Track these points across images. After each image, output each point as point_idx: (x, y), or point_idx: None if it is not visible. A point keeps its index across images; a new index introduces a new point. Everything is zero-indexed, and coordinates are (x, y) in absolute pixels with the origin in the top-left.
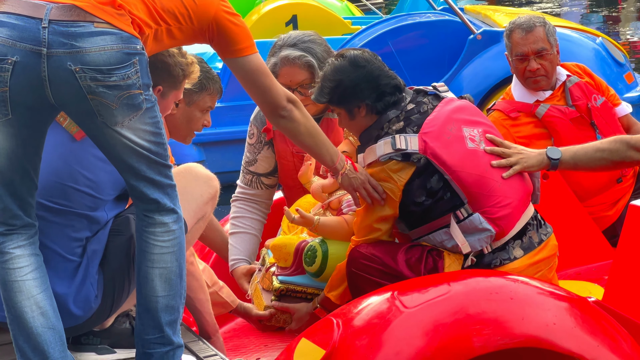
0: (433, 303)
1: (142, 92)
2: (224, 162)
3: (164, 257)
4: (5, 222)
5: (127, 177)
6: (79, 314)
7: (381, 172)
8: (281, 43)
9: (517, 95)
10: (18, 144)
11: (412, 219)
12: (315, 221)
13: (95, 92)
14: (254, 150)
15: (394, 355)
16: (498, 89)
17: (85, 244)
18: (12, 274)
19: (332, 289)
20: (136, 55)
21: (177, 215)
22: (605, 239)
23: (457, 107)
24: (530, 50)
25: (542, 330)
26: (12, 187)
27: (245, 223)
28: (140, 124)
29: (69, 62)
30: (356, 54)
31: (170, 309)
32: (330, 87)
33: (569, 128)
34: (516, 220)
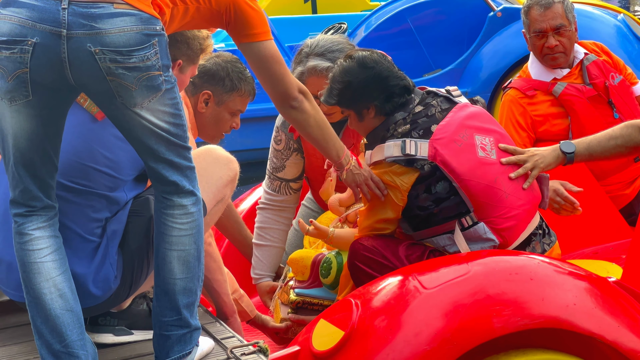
0: (452, 284)
1: (162, 73)
2: (242, 140)
3: (182, 239)
4: (25, 204)
5: (146, 159)
6: (98, 294)
7: (385, 175)
8: (308, 51)
9: (534, 73)
10: (39, 125)
11: (415, 222)
12: (330, 233)
13: (114, 73)
14: (281, 157)
15: (413, 336)
16: (518, 67)
17: (104, 224)
18: (31, 256)
19: (342, 289)
20: (155, 37)
21: (196, 198)
22: (622, 218)
23: (471, 114)
24: (548, 26)
25: (563, 311)
26: (32, 169)
27: (273, 235)
28: (159, 105)
29: (88, 43)
30: (365, 55)
31: (188, 292)
32: (338, 88)
33: (586, 107)
34: (521, 231)
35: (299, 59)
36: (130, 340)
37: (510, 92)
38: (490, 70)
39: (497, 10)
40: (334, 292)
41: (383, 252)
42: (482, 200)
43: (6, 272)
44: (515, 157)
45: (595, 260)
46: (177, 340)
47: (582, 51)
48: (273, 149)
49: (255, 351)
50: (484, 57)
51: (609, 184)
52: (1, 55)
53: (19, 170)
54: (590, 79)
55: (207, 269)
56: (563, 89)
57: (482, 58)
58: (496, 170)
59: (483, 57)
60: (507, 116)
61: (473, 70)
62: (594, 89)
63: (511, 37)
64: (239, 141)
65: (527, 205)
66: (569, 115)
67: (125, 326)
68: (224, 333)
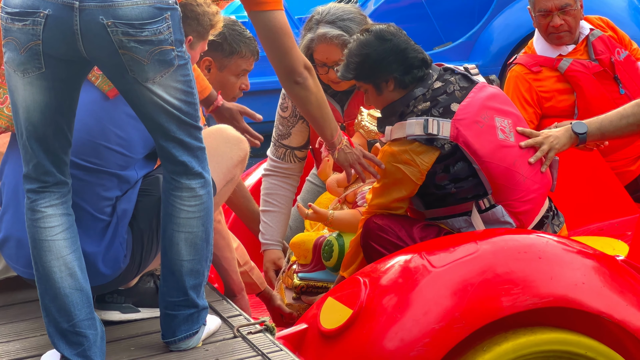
0: (461, 262)
1: (175, 48)
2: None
3: (190, 221)
4: (38, 178)
5: (157, 137)
6: (108, 273)
7: (404, 153)
8: (319, 18)
9: (540, 49)
10: (52, 98)
11: (430, 199)
12: (330, 215)
13: (126, 46)
14: (287, 124)
15: (422, 314)
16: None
17: (115, 203)
18: (42, 233)
19: (347, 266)
20: (168, 10)
21: (205, 180)
22: (628, 194)
23: (491, 95)
24: (554, 5)
25: (571, 290)
26: (45, 143)
27: (279, 201)
28: (171, 81)
29: (101, 15)
30: (382, 28)
31: (195, 273)
32: (356, 62)
33: (592, 82)
34: (536, 214)
35: (309, 25)
36: (137, 318)
37: (515, 68)
38: (501, 44)
39: None
40: (337, 274)
41: (398, 232)
42: (501, 182)
43: (15, 249)
44: (533, 140)
45: (600, 237)
46: (184, 320)
47: (588, 27)
48: (279, 116)
49: (262, 330)
50: (495, 30)
51: (615, 159)
52: (14, 27)
53: (31, 143)
54: (595, 55)
55: (216, 247)
56: (569, 65)
57: (493, 31)
58: (515, 153)
59: (494, 30)
60: (513, 92)
61: (484, 43)
62: (599, 65)
63: (523, 10)
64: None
65: (542, 189)
66: (574, 91)
67: (132, 304)
68: (230, 311)
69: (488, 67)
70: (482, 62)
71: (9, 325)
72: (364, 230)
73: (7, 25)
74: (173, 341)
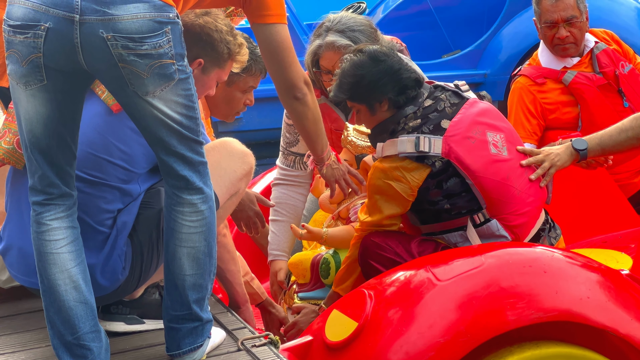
0: (466, 276)
1: (175, 62)
2: (261, 119)
3: (192, 236)
4: (43, 190)
5: (158, 151)
6: (106, 285)
7: (395, 170)
8: (329, 25)
9: (544, 61)
10: (54, 109)
11: (425, 215)
12: (324, 233)
13: (126, 60)
14: (294, 131)
15: (427, 328)
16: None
17: (116, 215)
18: (47, 246)
19: (340, 282)
20: (168, 24)
21: (206, 195)
22: (631, 207)
23: (482, 110)
24: (559, 17)
25: (576, 304)
26: (49, 155)
27: (288, 210)
28: (172, 95)
29: (101, 29)
30: (375, 48)
31: (198, 287)
32: (350, 82)
33: (596, 95)
34: (531, 227)
35: (319, 32)
36: (141, 330)
37: (520, 80)
38: (510, 52)
39: None
40: None
41: (395, 249)
42: (495, 197)
43: (17, 257)
44: (534, 158)
45: (604, 249)
46: (188, 333)
47: (593, 40)
48: (286, 124)
49: (266, 343)
50: (504, 39)
51: (618, 172)
52: (15, 39)
53: (35, 155)
54: (600, 68)
55: (221, 260)
56: (573, 77)
57: (501, 39)
58: (508, 167)
59: (503, 39)
60: (517, 103)
61: (492, 51)
62: (604, 78)
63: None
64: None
65: (537, 202)
66: (578, 104)
67: (137, 315)
68: (235, 324)
69: (496, 76)
70: (491, 70)
71: (14, 335)
72: (362, 248)
73: (9, 38)
74: (177, 354)
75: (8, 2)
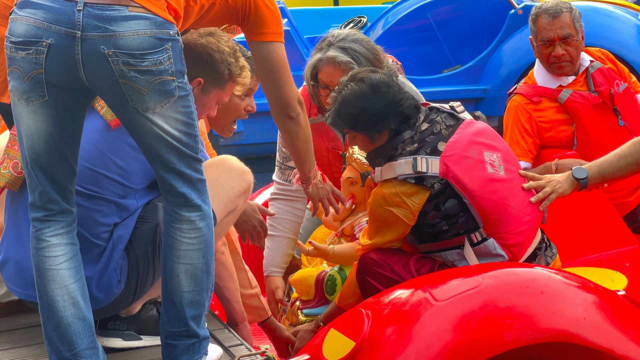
0: (463, 296)
1: (175, 79)
2: (262, 133)
3: (189, 253)
4: (43, 207)
5: (157, 168)
6: (101, 298)
7: (395, 196)
8: (332, 40)
9: (540, 79)
10: (55, 126)
11: (422, 235)
12: (330, 251)
13: (127, 76)
14: None
15: (424, 348)
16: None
17: (112, 229)
18: (46, 262)
19: (345, 299)
20: (169, 41)
21: (204, 213)
22: (626, 225)
23: (478, 131)
24: (556, 35)
25: (573, 325)
26: (50, 171)
27: (284, 225)
28: (171, 111)
29: (102, 45)
30: (377, 79)
31: (195, 304)
32: (351, 114)
33: (591, 114)
34: (528, 246)
35: (321, 46)
36: (139, 346)
37: (515, 98)
38: (511, 68)
39: (518, 8)
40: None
41: (393, 266)
42: (492, 216)
43: (14, 271)
44: (535, 183)
45: (599, 268)
46: (185, 350)
47: (588, 59)
48: (281, 139)
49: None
50: (504, 55)
51: (613, 191)
52: (17, 55)
53: (36, 172)
54: (595, 87)
55: (219, 277)
56: (568, 96)
57: (502, 55)
58: (505, 187)
59: (503, 55)
60: (513, 122)
61: (493, 67)
62: (599, 97)
63: None
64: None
65: (533, 221)
66: (574, 122)
67: (134, 331)
68: (232, 340)
69: (497, 91)
70: (491, 85)
71: (12, 350)
72: (360, 265)
73: (11, 54)
74: None
75: (10, 18)
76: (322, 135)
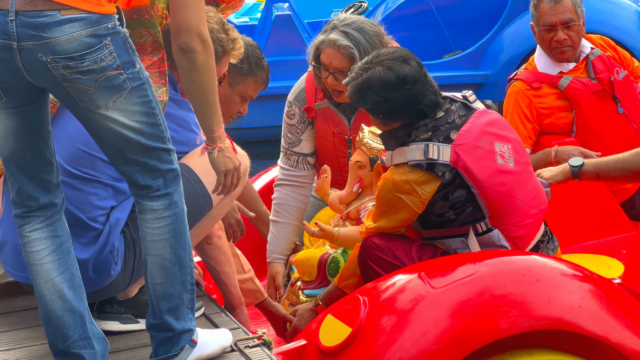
0: (460, 284)
1: (122, 71)
2: (263, 117)
3: (155, 244)
4: (22, 203)
5: (117, 163)
6: (97, 281)
7: (405, 184)
8: (337, 23)
9: (541, 66)
10: (21, 121)
11: (428, 223)
12: (335, 233)
13: (69, 79)
14: (296, 131)
15: (420, 335)
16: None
17: (109, 212)
18: (30, 257)
19: (344, 279)
20: (107, 36)
21: (171, 201)
22: (623, 212)
23: (490, 121)
24: (558, 20)
25: (568, 313)
26: (25, 167)
27: (290, 212)
28: (127, 104)
29: (39, 53)
30: (406, 72)
31: (169, 297)
32: (374, 100)
33: (591, 101)
34: (532, 239)
35: (327, 28)
36: (136, 329)
37: (516, 84)
38: (511, 54)
39: None
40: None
41: (395, 252)
42: (498, 207)
43: (11, 253)
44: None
45: (596, 254)
46: (162, 342)
47: (589, 46)
48: (286, 124)
49: (260, 344)
50: (505, 40)
51: None
52: None
53: (11, 169)
54: (595, 74)
55: (216, 262)
56: (569, 82)
57: (503, 41)
58: (513, 179)
59: (504, 40)
60: (513, 107)
61: (494, 53)
62: (599, 84)
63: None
64: (260, 118)
65: (538, 214)
66: (573, 109)
67: (131, 314)
68: (228, 324)
69: (497, 77)
70: (492, 71)
71: (10, 333)
72: (362, 249)
73: None
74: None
75: None
76: (327, 120)
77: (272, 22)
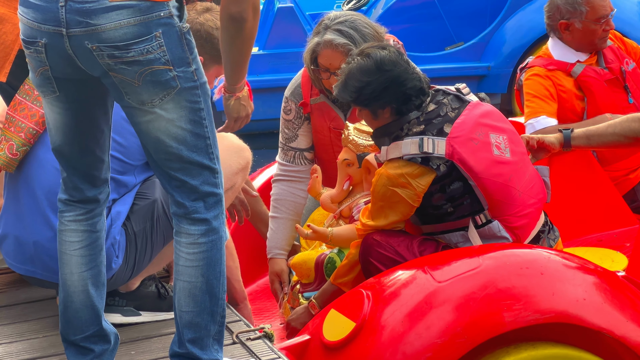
0: (464, 277)
1: (173, 67)
2: (265, 109)
3: (187, 270)
4: (67, 191)
5: (158, 173)
6: None
7: (400, 177)
8: (328, 23)
9: (557, 54)
10: (70, 118)
11: (426, 217)
12: (329, 233)
13: (114, 69)
14: (293, 126)
15: (424, 329)
16: (541, 43)
17: (110, 205)
18: (63, 245)
19: (339, 277)
20: (159, 27)
21: (209, 227)
22: (626, 205)
23: (485, 112)
24: (609, 7)
25: (572, 306)
26: (71, 160)
27: (288, 207)
28: (174, 106)
29: (86, 40)
30: (382, 55)
31: (194, 326)
32: (356, 87)
33: (603, 89)
34: (532, 229)
35: (318, 29)
36: (137, 321)
37: (535, 69)
38: (514, 45)
39: None
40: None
41: (396, 248)
42: (497, 198)
43: (13, 246)
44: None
45: (599, 248)
46: None
47: None
48: (283, 120)
49: (261, 336)
50: (508, 32)
51: (613, 170)
52: (27, 52)
53: (60, 159)
54: (606, 63)
55: None
56: (582, 70)
57: (505, 32)
58: (511, 169)
59: (507, 32)
60: (537, 88)
61: (496, 44)
62: (610, 73)
63: (536, 12)
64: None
65: (538, 204)
66: (585, 97)
67: (133, 307)
68: (230, 317)
69: (500, 68)
70: (494, 63)
71: (12, 325)
72: (363, 247)
73: (24, 48)
74: None
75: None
76: (323, 115)
77: (274, 14)
